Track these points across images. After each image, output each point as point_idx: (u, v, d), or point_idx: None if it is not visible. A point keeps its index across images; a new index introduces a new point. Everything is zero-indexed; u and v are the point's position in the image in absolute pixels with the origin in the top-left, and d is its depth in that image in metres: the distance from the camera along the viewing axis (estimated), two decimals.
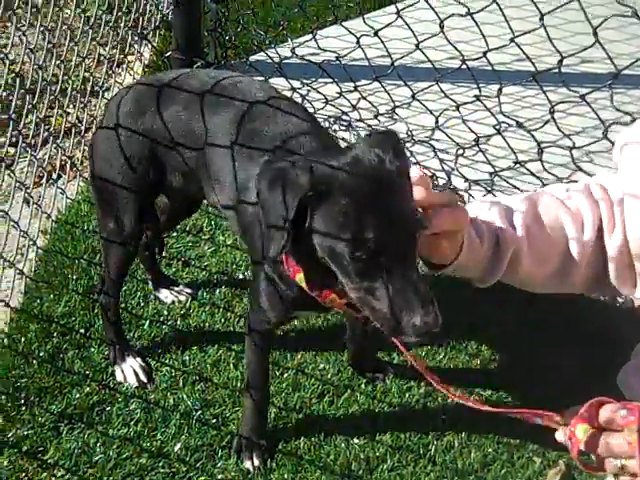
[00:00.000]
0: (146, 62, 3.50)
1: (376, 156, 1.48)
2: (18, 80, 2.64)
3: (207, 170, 1.87)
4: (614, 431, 1.25)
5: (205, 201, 2.10)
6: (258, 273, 1.82)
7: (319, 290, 1.63)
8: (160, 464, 2.00)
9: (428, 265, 1.64)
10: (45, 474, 1.97)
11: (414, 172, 1.54)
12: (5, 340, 2.29)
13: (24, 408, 2.11)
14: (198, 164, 1.89)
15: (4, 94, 3.12)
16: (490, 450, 2.06)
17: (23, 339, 2.29)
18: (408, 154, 2.49)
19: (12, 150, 3.01)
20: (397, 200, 1.44)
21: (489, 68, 2.42)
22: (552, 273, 1.65)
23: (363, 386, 2.21)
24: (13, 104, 2.61)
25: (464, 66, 2.43)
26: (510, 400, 2.17)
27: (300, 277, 1.61)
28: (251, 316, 1.91)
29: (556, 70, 2.21)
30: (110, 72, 3.42)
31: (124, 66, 3.51)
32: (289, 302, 1.79)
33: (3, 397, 2.13)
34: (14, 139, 2.89)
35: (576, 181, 2.41)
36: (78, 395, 2.15)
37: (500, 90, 2.38)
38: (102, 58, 3.34)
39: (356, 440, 2.07)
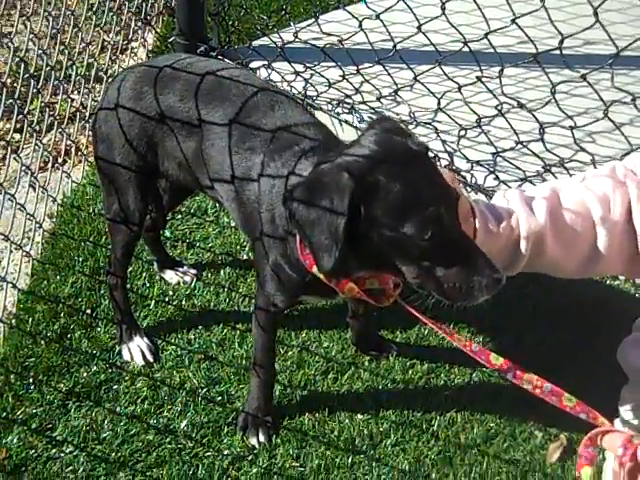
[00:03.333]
0: (150, 47, 3.51)
1: (399, 140, 1.51)
2: (23, 66, 2.66)
3: (205, 163, 1.90)
4: None
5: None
6: (262, 260, 1.84)
7: (337, 280, 1.65)
8: (167, 440, 2.03)
9: None
10: (54, 450, 2.00)
11: None
12: (13, 321, 2.33)
13: (33, 387, 2.15)
14: (195, 155, 1.92)
15: (9, 81, 3.14)
16: (492, 425, 2.08)
17: (31, 320, 2.31)
18: None
19: (17, 136, 3.03)
20: (434, 176, 1.51)
21: (491, 50, 2.43)
22: (583, 257, 1.64)
23: (367, 363, 2.24)
24: (18, 90, 2.63)
25: (466, 48, 2.44)
26: None
27: (317, 269, 1.63)
28: (258, 298, 1.94)
29: (557, 52, 2.22)
30: (114, 58, 3.44)
31: (128, 52, 3.52)
32: (297, 288, 1.82)
33: (12, 376, 2.16)
34: (19, 125, 2.91)
35: (583, 163, 2.45)
36: (85, 374, 2.18)
37: (501, 71, 2.39)
38: (106, 44, 3.36)
39: (360, 416, 2.10)
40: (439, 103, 2.68)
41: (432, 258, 1.48)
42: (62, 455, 1.99)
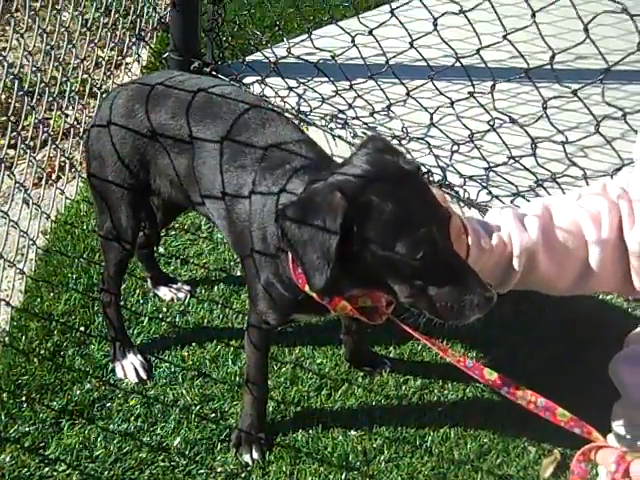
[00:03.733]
0: (144, 63, 3.53)
1: (390, 160, 1.52)
2: (17, 82, 2.67)
3: (197, 181, 1.91)
4: None
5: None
6: (254, 279, 1.84)
7: (329, 298, 1.65)
8: (160, 458, 2.03)
9: None
10: (47, 469, 1.99)
11: None
12: (6, 338, 2.32)
13: (25, 405, 2.14)
14: (187, 173, 1.93)
15: (3, 97, 3.15)
16: (486, 440, 2.08)
17: (24, 337, 2.31)
18: (404, 151, 2.51)
19: (11, 152, 3.04)
20: (426, 195, 1.51)
21: (483, 65, 2.44)
22: (575, 274, 1.64)
23: (360, 379, 2.24)
24: (12, 106, 2.64)
25: (458, 64, 2.46)
26: None
27: (309, 287, 1.63)
28: (251, 316, 1.94)
29: (549, 67, 2.24)
30: (108, 74, 3.45)
31: (122, 67, 3.53)
32: (290, 307, 1.82)
33: (5, 394, 2.15)
34: (13, 141, 2.92)
35: (575, 177, 2.46)
36: (79, 392, 2.18)
37: (493, 86, 2.41)
38: (100, 60, 3.37)
39: (353, 432, 2.10)
40: (432, 118, 2.69)
41: (424, 277, 1.49)
42: (55, 474, 1.98)
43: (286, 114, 2.03)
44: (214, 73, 3.16)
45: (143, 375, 2.23)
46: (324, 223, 1.46)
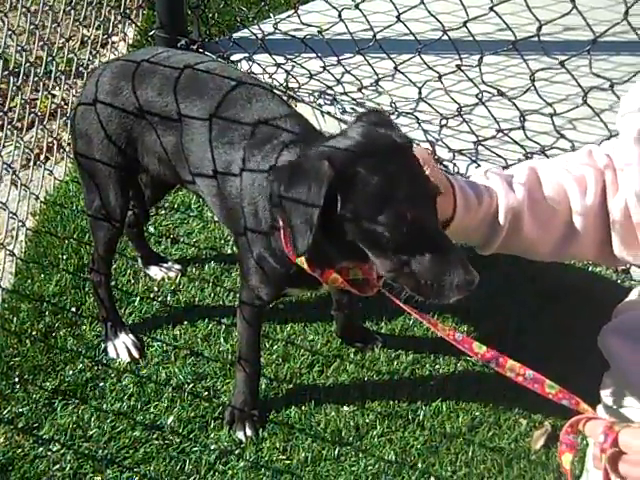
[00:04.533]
0: (130, 42, 3.50)
1: (384, 133, 1.51)
2: (1, 62, 2.64)
3: (185, 158, 1.90)
4: None
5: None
6: (246, 254, 1.84)
7: (321, 270, 1.65)
8: (154, 436, 2.03)
9: None
10: (41, 449, 2.00)
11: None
12: None
13: (18, 386, 2.14)
14: (175, 150, 1.92)
15: None
16: (477, 414, 2.10)
17: (15, 319, 2.31)
18: None
19: None
20: (416, 170, 1.49)
21: (471, 39, 2.43)
22: (557, 238, 1.65)
23: (352, 355, 2.24)
24: None
25: (445, 37, 2.44)
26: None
27: (301, 260, 1.64)
28: (242, 292, 1.94)
29: (536, 38, 2.23)
30: (94, 53, 3.42)
31: (108, 46, 3.50)
32: (282, 280, 1.82)
33: None
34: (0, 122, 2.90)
35: (563, 150, 2.46)
36: (71, 372, 2.18)
37: (481, 59, 2.40)
38: (86, 39, 3.34)
39: (346, 408, 2.11)
40: (420, 93, 2.69)
41: (405, 253, 1.48)
42: (49, 453, 1.99)
43: (274, 90, 2.01)
44: (201, 50, 3.14)
45: (135, 354, 2.23)
46: (309, 190, 1.46)
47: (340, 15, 2.70)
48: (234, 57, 3.13)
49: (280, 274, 1.79)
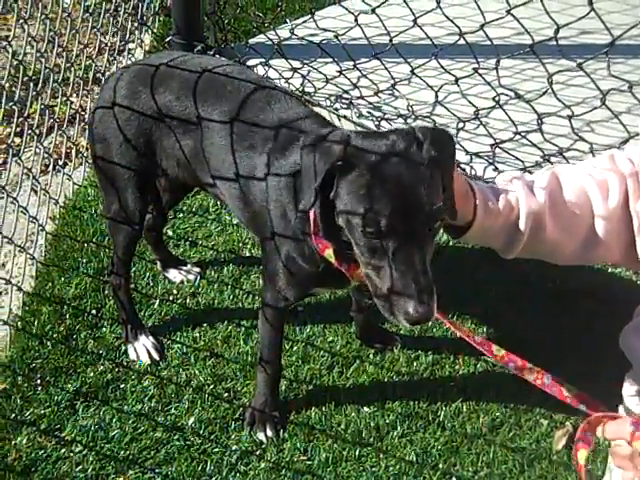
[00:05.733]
0: (147, 48, 3.53)
1: (410, 144, 1.50)
2: (22, 68, 2.66)
3: (206, 161, 1.91)
4: None
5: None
6: (273, 256, 1.84)
7: (347, 264, 1.66)
8: (175, 437, 2.04)
9: (449, 231, 1.68)
10: (63, 450, 2.01)
11: None
12: (19, 323, 2.33)
13: (40, 388, 2.15)
14: (194, 154, 1.93)
15: (7, 85, 3.14)
16: (498, 414, 2.10)
17: (36, 321, 2.33)
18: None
19: (17, 140, 3.04)
20: (418, 188, 1.46)
21: (487, 42, 2.44)
22: (580, 241, 1.65)
23: (372, 356, 2.25)
24: (17, 94, 2.64)
25: (462, 41, 2.45)
26: None
27: (329, 252, 1.65)
28: (267, 294, 1.93)
29: (553, 42, 2.23)
30: (111, 59, 3.45)
31: (125, 53, 3.53)
32: (310, 280, 1.83)
33: (19, 378, 2.17)
34: (19, 129, 2.92)
35: (581, 152, 2.46)
36: (92, 374, 2.19)
37: (498, 62, 2.40)
38: (103, 46, 3.36)
39: (366, 409, 2.11)
40: (437, 96, 2.69)
41: (377, 258, 1.48)
42: (71, 455, 2.00)
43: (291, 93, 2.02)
44: (217, 56, 3.16)
45: (155, 356, 2.25)
46: (317, 162, 1.50)
47: (356, 20, 2.71)
48: (250, 62, 3.15)
49: (309, 273, 1.79)
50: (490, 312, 2.32)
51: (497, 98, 2.52)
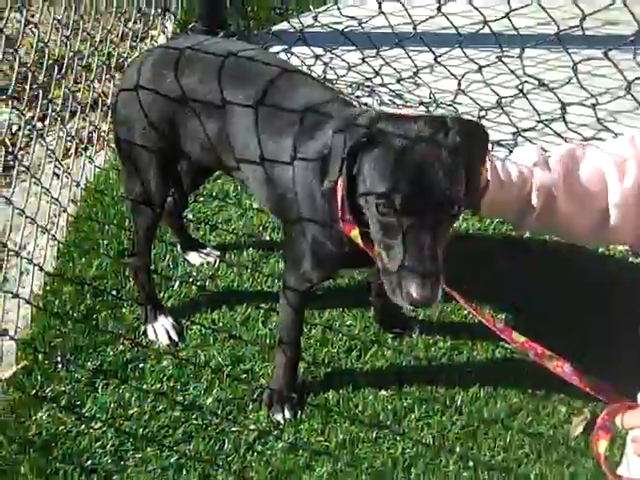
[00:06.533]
0: (169, 35, 3.54)
1: (437, 130, 1.49)
2: (47, 51, 2.68)
3: (230, 145, 1.91)
4: None
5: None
6: (299, 239, 1.84)
7: (371, 245, 1.67)
8: (193, 416, 2.05)
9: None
10: (83, 427, 2.03)
11: None
12: (41, 302, 2.35)
13: (60, 365, 2.17)
14: (218, 137, 1.93)
15: (32, 69, 3.17)
16: (516, 400, 2.09)
17: (57, 301, 2.35)
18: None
19: (40, 124, 3.07)
20: (438, 172, 1.45)
21: (511, 32, 2.43)
22: (593, 220, 1.64)
23: (390, 341, 2.25)
24: (42, 77, 2.65)
25: (486, 29, 2.44)
26: None
27: (355, 233, 1.65)
28: (289, 277, 1.93)
29: (579, 32, 2.22)
30: (134, 46, 3.47)
31: (147, 40, 3.55)
32: (337, 261, 1.83)
33: (40, 356, 2.19)
34: (41, 114, 2.94)
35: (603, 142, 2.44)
36: (112, 353, 2.21)
37: (523, 50, 2.40)
38: (126, 32, 3.38)
39: (384, 392, 2.12)
40: (459, 85, 2.68)
41: (388, 237, 1.49)
42: (91, 431, 2.01)
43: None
44: None
45: (174, 337, 2.26)
46: (346, 136, 1.51)
47: (380, 7, 2.71)
48: (273, 49, 3.16)
49: (335, 255, 1.79)
50: (510, 301, 2.32)
51: (521, 87, 2.52)
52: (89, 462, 1.94)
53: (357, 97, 2.90)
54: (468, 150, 1.49)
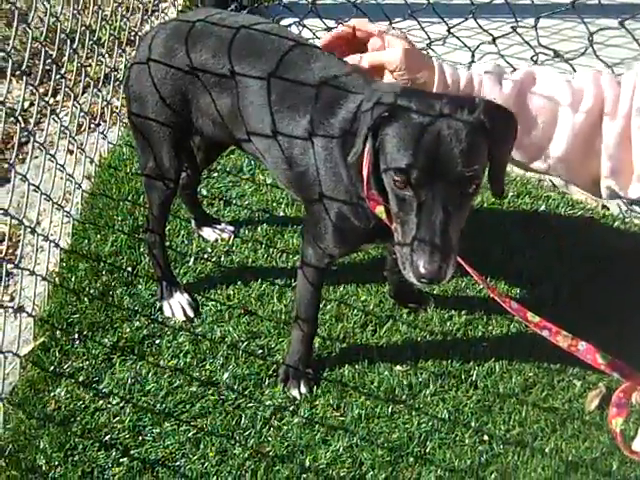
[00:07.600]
0: (180, 8, 3.52)
1: (461, 108, 1.48)
2: (58, 25, 2.66)
3: (243, 121, 1.90)
4: None
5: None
6: (321, 214, 1.83)
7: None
8: (210, 392, 2.07)
9: None
10: (101, 402, 2.05)
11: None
12: (57, 279, 2.37)
13: (78, 342, 2.19)
14: (231, 112, 1.92)
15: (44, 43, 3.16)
16: (531, 374, 2.10)
17: (73, 278, 2.36)
18: None
19: (52, 100, 3.06)
20: (456, 149, 1.44)
21: (526, 1, 2.40)
22: (538, 145, 1.63)
23: (405, 316, 2.26)
24: (55, 53, 2.64)
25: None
26: None
27: (380, 209, 1.65)
28: (308, 252, 1.93)
29: (595, 1, 2.19)
30: (145, 19, 3.45)
31: (158, 13, 3.52)
32: (361, 236, 1.83)
33: (58, 332, 2.21)
34: (53, 90, 2.93)
35: None
36: (129, 329, 2.23)
37: (537, 19, 2.36)
38: (136, 6, 3.36)
39: (399, 367, 2.13)
40: (473, 56, 2.66)
41: (404, 210, 1.49)
42: (109, 406, 2.04)
43: None
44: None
45: (190, 313, 2.28)
46: (371, 112, 1.51)
47: None
48: (284, 22, 3.14)
49: (360, 230, 1.79)
50: (524, 275, 2.32)
51: (535, 57, 2.49)
52: (107, 437, 1.96)
53: None
54: (493, 131, 1.48)
